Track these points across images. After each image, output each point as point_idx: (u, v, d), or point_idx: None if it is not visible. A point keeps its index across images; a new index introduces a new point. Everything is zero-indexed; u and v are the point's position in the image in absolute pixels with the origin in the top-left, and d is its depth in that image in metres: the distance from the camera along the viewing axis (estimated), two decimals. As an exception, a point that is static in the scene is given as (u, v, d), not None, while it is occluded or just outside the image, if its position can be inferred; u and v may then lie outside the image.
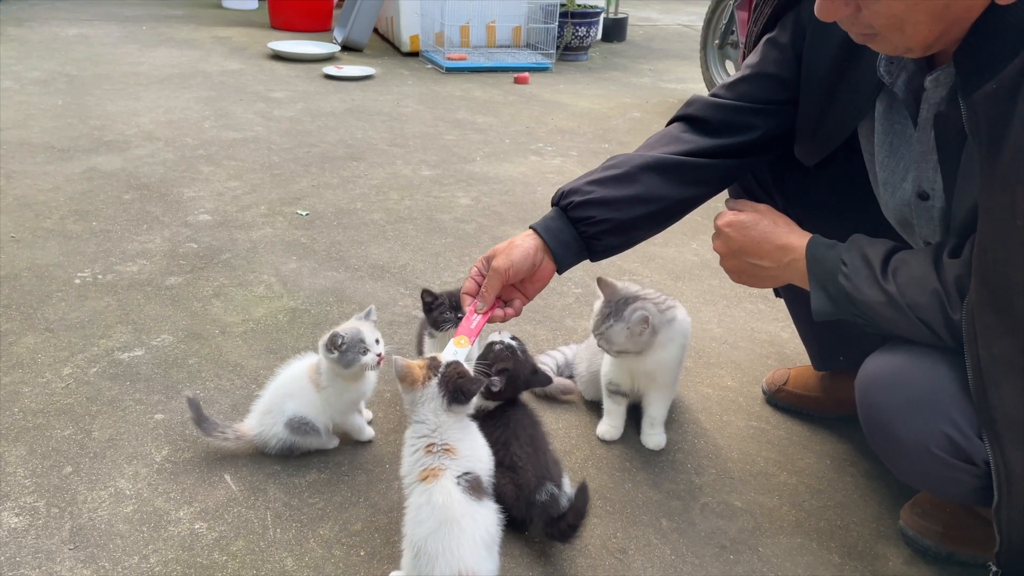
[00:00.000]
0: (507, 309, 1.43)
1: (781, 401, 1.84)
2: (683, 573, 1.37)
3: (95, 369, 1.85)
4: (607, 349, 1.58)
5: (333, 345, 1.48)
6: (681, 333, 1.63)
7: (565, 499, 1.40)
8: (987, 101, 0.99)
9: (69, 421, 1.67)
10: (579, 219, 1.38)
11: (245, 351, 1.95)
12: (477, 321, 1.40)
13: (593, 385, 1.79)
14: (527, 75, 5.07)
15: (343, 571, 1.34)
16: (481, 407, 1.49)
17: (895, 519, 1.50)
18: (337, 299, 2.22)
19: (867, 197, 1.37)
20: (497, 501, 1.34)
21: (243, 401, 1.71)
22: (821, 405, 1.80)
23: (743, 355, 2.07)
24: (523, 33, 5.79)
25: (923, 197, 1.22)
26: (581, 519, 1.33)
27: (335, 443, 1.62)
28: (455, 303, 1.59)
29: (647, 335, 1.54)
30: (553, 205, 1.44)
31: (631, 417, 1.74)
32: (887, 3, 1.01)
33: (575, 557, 1.39)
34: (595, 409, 1.79)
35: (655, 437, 1.69)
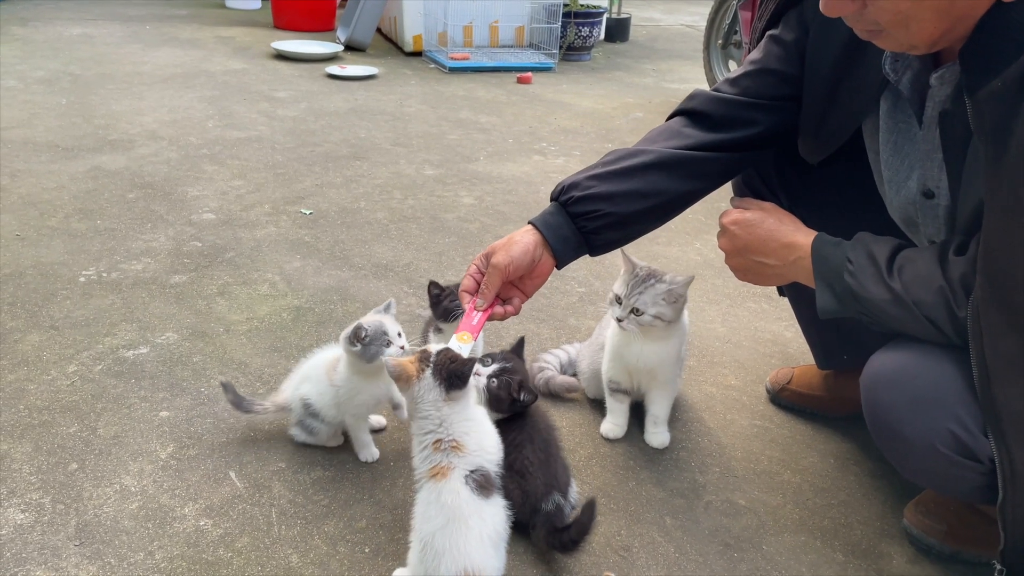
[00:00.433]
0: (507, 307, 1.42)
1: (785, 400, 1.84)
2: (687, 571, 1.38)
3: (100, 367, 1.85)
4: (635, 320, 1.52)
5: (357, 338, 1.45)
6: (680, 328, 1.63)
7: (569, 508, 1.40)
8: (992, 99, 0.99)
9: (74, 418, 1.67)
10: (579, 214, 1.38)
11: (249, 349, 1.96)
12: (478, 318, 1.39)
13: (596, 383, 1.79)
14: (530, 75, 5.08)
15: (348, 568, 1.34)
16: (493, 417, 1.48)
17: (899, 517, 1.50)
18: (341, 298, 2.23)
19: (872, 195, 1.37)
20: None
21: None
22: (825, 404, 1.80)
23: (747, 354, 2.07)
24: (526, 33, 5.79)
25: (928, 195, 1.22)
26: (584, 535, 1.32)
27: (337, 442, 1.63)
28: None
29: (681, 303, 1.53)
30: (552, 200, 1.43)
31: (635, 415, 1.75)
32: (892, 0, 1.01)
33: (579, 555, 1.38)
34: (599, 407, 1.79)
35: (659, 435, 1.69)
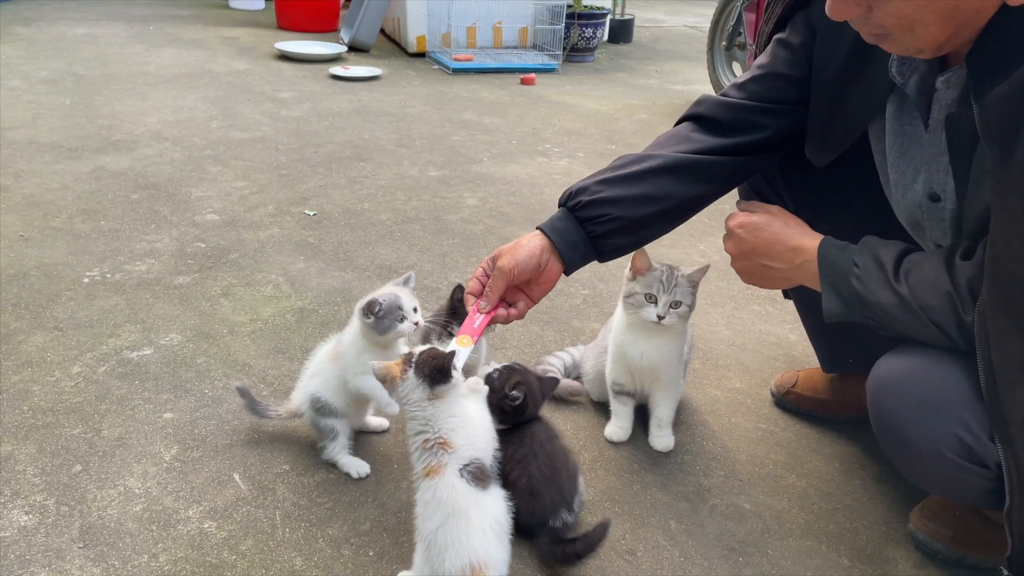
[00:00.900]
0: (510, 311, 1.42)
1: (790, 403, 1.84)
2: (692, 575, 1.37)
3: (104, 368, 1.85)
4: (675, 314, 1.53)
5: (370, 311, 1.44)
6: (682, 327, 1.62)
7: (574, 519, 1.40)
8: (1000, 103, 0.98)
9: (78, 420, 1.67)
10: (587, 219, 1.37)
11: (253, 351, 1.96)
12: (480, 321, 1.39)
13: (600, 385, 1.78)
14: (533, 76, 5.07)
15: (352, 571, 1.34)
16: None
17: (905, 522, 1.49)
18: (345, 299, 2.23)
19: (878, 199, 1.37)
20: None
21: (251, 400, 1.72)
22: (830, 407, 1.79)
23: (751, 357, 2.07)
24: (529, 34, 5.79)
25: (934, 199, 1.22)
26: (590, 551, 1.32)
27: (359, 472, 1.57)
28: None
29: (695, 292, 1.56)
30: (560, 206, 1.43)
31: (639, 419, 1.74)
32: (898, 3, 1.00)
33: (584, 558, 1.38)
34: (603, 410, 1.79)
35: (663, 439, 1.69)
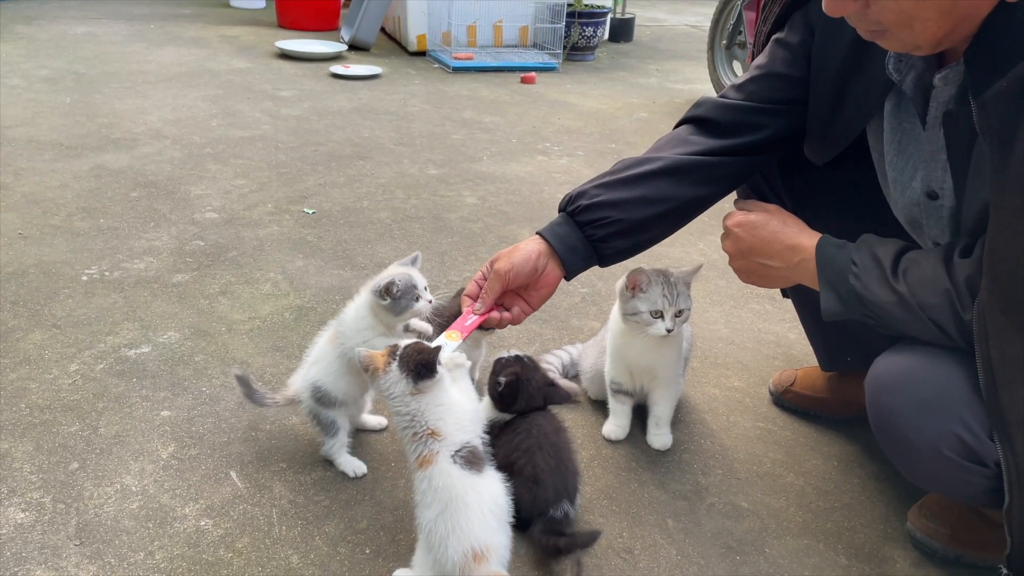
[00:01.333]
0: (503, 314, 1.42)
1: (788, 402, 1.84)
2: (689, 573, 1.37)
3: (102, 366, 1.85)
4: (678, 322, 1.53)
5: (388, 293, 1.43)
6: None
7: (574, 513, 1.40)
8: (998, 100, 0.98)
9: (75, 417, 1.67)
10: (586, 222, 1.37)
11: (252, 348, 1.95)
12: (472, 320, 1.40)
13: (598, 384, 1.78)
14: (534, 75, 5.07)
15: (348, 569, 1.34)
16: (496, 419, 1.48)
17: (903, 521, 1.49)
18: (343, 297, 2.22)
19: (876, 197, 1.36)
20: (512, 503, 1.34)
21: (249, 398, 1.72)
22: (828, 406, 1.79)
23: (750, 356, 2.06)
24: (530, 33, 5.78)
25: (932, 196, 1.21)
26: (572, 550, 1.32)
27: (354, 471, 1.56)
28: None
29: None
30: (560, 211, 1.43)
31: (637, 417, 1.74)
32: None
33: (581, 557, 1.38)
34: (601, 408, 1.78)
35: (661, 437, 1.69)
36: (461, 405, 1.29)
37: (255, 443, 1.63)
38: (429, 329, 1.55)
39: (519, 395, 1.46)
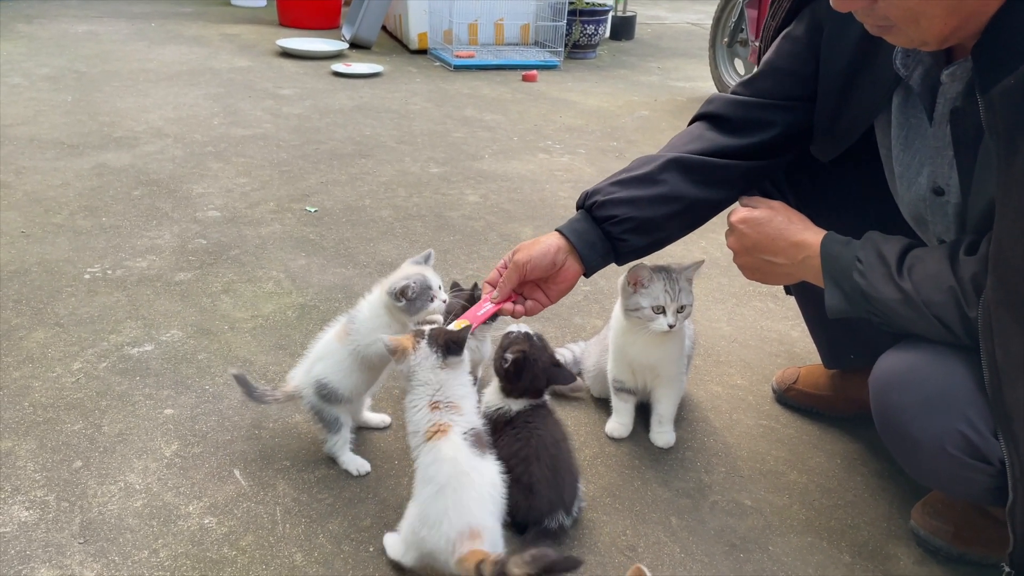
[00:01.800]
0: (517, 306, 1.44)
1: (791, 400, 1.84)
2: (692, 571, 1.37)
3: (105, 364, 1.85)
4: (680, 318, 1.53)
5: (403, 295, 1.44)
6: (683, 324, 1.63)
7: (570, 522, 1.40)
8: (1005, 97, 0.97)
9: (79, 416, 1.67)
10: (603, 218, 1.39)
11: (254, 347, 1.95)
12: (485, 309, 1.43)
13: (601, 382, 1.78)
14: (535, 73, 5.06)
15: (352, 566, 1.34)
16: (503, 408, 1.48)
17: (906, 519, 1.49)
18: (346, 295, 2.22)
19: (881, 194, 1.36)
20: (508, 508, 1.35)
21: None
22: (831, 404, 1.79)
23: (752, 353, 2.06)
24: (531, 31, 5.77)
25: (938, 193, 1.21)
26: (551, 572, 1.27)
27: (358, 468, 1.57)
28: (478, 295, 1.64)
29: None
30: (578, 208, 1.45)
31: (640, 415, 1.74)
32: None
33: (584, 554, 1.38)
34: (604, 406, 1.78)
35: (664, 435, 1.69)
36: (475, 396, 1.36)
37: (258, 441, 1.63)
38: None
39: (524, 372, 1.47)
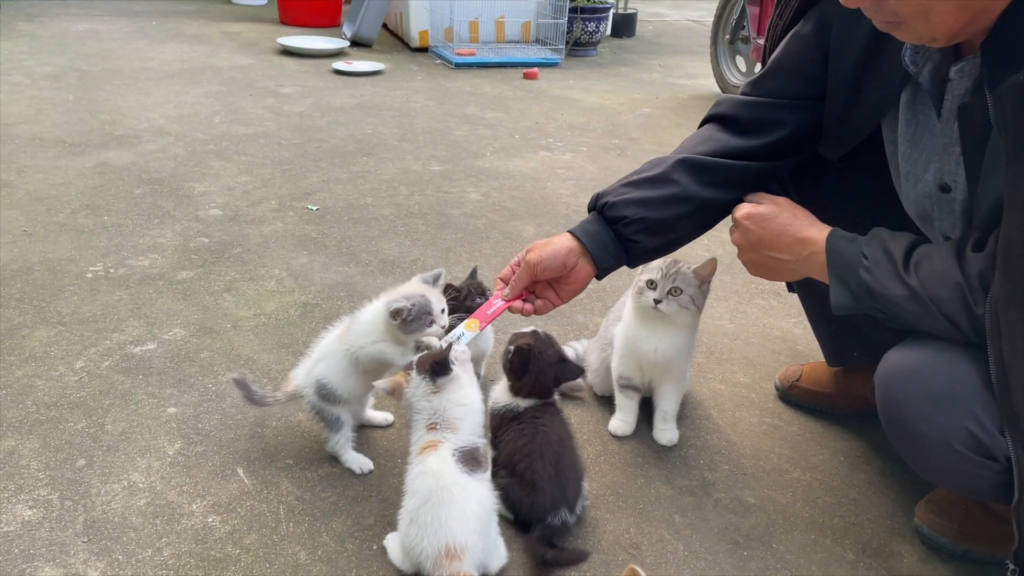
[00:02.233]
0: (525, 305, 1.46)
1: (794, 397, 1.83)
2: (696, 569, 1.37)
3: (108, 363, 1.85)
4: (673, 301, 1.54)
5: (398, 315, 1.45)
6: (696, 320, 1.63)
7: (573, 520, 1.40)
8: (1014, 93, 0.97)
9: (82, 414, 1.67)
10: (615, 219, 1.39)
11: (257, 345, 1.95)
12: (496, 307, 1.45)
13: (604, 379, 1.78)
14: (536, 70, 5.06)
15: (356, 565, 1.34)
16: (511, 405, 1.48)
17: (910, 516, 1.49)
18: (348, 294, 2.22)
19: (885, 190, 1.36)
20: (508, 508, 1.38)
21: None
22: (834, 401, 1.79)
23: (755, 351, 2.06)
24: (532, 28, 5.77)
25: (945, 189, 1.21)
26: (558, 565, 1.33)
27: (361, 467, 1.57)
28: (480, 289, 1.68)
29: (706, 289, 1.58)
30: (589, 210, 1.45)
31: (643, 413, 1.74)
32: None
33: (586, 551, 1.38)
34: (607, 404, 1.78)
35: (667, 433, 1.69)
36: (479, 408, 1.35)
37: (262, 439, 1.63)
38: (438, 344, 1.54)
39: (530, 365, 1.47)
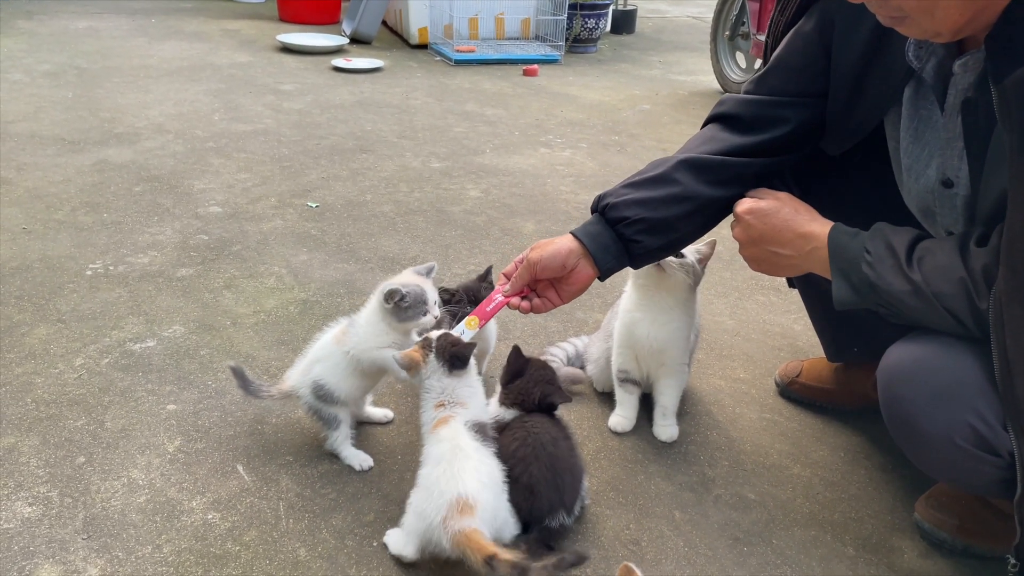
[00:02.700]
0: (523, 302, 1.45)
1: (794, 393, 1.83)
2: (696, 565, 1.37)
3: (107, 360, 1.85)
4: (676, 262, 1.58)
5: (391, 298, 1.46)
6: (690, 308, 1.65)
7: (571, 521, 1.40)
8: (1019, 87, 0.96)
9: (82, 411, 1.67)
10: (616, 220, 1.39)
11: (256, 342, 1.95)
12: (495, 304, 1.46)
13: (605, 375, 1.78)
14: (536, 67, 5.06)
15: (356, 561, 1.33)
16: (498, 417, 1.47)
17: (910, 512, 1.49)
18: (348, 291, 2.22)
19: (886, 186, 1.35)
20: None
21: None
22: (835, 397, 1.79)
23: (755, 347, 2.06)
24: (532, 25, 5.77)
25: (947, 184, 1.20)
26: (558, 569, 1.29)
27: (362, 464, 1.57)
28: (473, 297, 1.65)
29: (702, 269, 1.65)
30: (592, 212, 1.45)
31: (643, 409, 1.73)
32: None
33: (588, 548, 1.38)
34: (607, 401, 1.78)
35: (667, 429, 1.68)
36: (482, 391, 1.43)
37: (261, 436, 1.63)
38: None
39: (522, 372, 1.48)
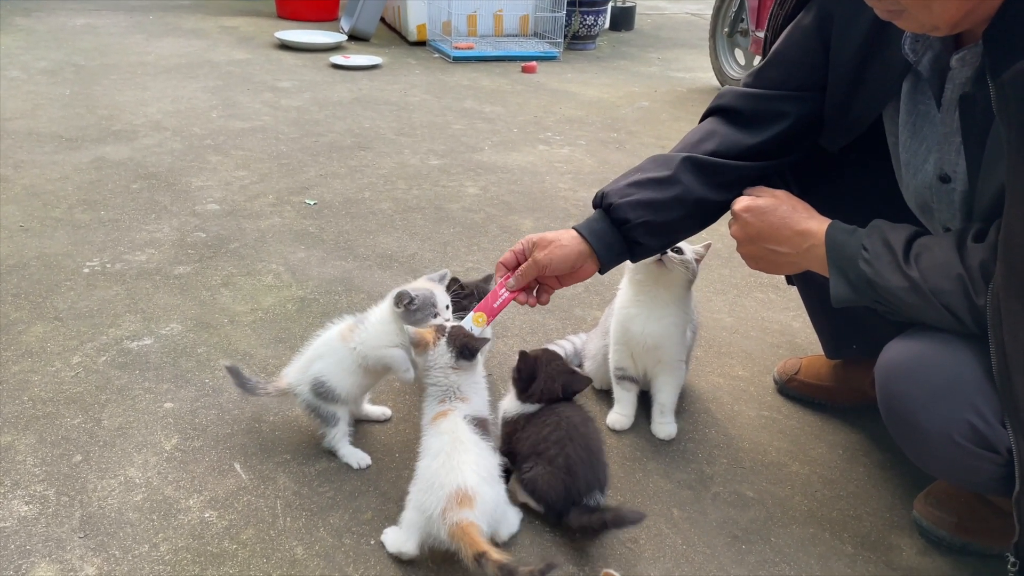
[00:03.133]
0: (530, 298, 1.48)
1: (793, 390, 1.83)
2: (694, 563, 1.37)
3: (104, 358, 1.85)
4: (675, 256, 1.58)
5: (401, 302, 1.47)
6: (685, 305, 1.65)
7: (603, 502, 1.40)
8: (1017, 81, 0.96)
9: (78, 410, 1.67)
10: (622, 221, 1.40)
11: (254, 340, 1.95)
12: (501, 300, 1.47)
13: (603, 372, 1.78)
14: (535, 64, 5.04)
15: (353, 560, 1.33)
16: (522, 411, 1.47)
17: (909, 509, 1.49)
18: (346, 288, 2.22)
19: (885, 182, 1.35)
20: (540, 496, 1.38)
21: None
22: (833, 394, 1.78)
23: (754, 344, 2.05)
24: (530, 22, 5.75)
25: (944, 180, 1.20)
26: (619, 525, 1.34)
27: (359, 462, 1.57)
28: (481, 296, 1.64)
29: (696, 268, 1.65)
30: (595, 207, 1.45)
31: (641, 407, 1.73)
32: None
33: (586, 546, 1.38)
34: (605, 398, 1.78)
35: (666, 426, 1.68)
36: (486, 388, 1.44)
37: (259, 434, 1.63)
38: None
39: (536, 372, 1.47)
